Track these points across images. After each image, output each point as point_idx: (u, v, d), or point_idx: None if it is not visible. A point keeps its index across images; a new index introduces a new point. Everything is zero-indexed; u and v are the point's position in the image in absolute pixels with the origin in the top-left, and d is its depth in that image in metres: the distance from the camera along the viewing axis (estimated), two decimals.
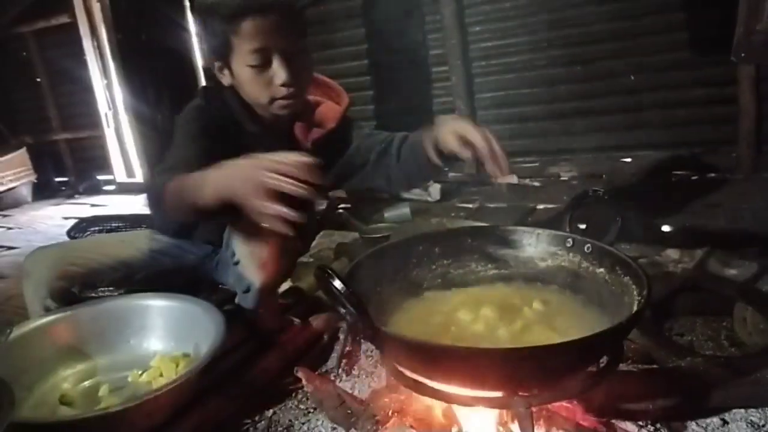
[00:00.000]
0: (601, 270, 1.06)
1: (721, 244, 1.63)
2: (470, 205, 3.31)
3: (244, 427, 1.27)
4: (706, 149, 3.29)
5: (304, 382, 1.19)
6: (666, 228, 2.17)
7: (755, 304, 1.41)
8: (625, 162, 3.53)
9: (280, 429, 1.24)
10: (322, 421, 1.21)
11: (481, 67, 3.68)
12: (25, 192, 4.91)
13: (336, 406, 1.13)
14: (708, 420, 1.08)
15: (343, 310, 0.83)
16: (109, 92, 5.02)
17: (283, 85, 1.31)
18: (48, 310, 1.49)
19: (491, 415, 0.93)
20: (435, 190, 3.40)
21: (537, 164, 3.74)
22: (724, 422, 1.08)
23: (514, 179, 3.87)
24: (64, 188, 5.32)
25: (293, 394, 1.35)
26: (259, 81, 1.32)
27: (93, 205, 4.73)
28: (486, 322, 1.01)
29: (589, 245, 1.10)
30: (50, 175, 5.25)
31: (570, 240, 1.13)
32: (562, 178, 3.64)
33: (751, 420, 1.07)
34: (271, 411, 1.31)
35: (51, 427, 1.12)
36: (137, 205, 4.35)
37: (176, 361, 1.35)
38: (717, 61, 3.09)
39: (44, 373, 1.37)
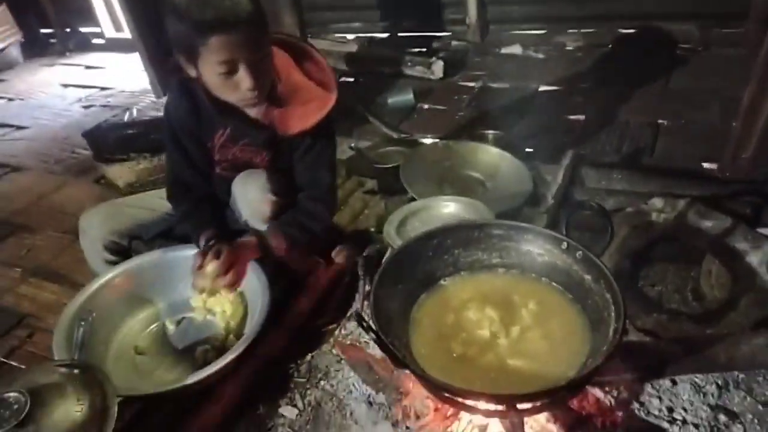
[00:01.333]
0: (588, 277, 1.25)
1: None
2: (473, 84, 3.33)
3: (290, 371, 1.57)
4: (715, 23, 3.22)
5: (339, 353, 1.45)
6: None
7: (722, 258, 1.63)
8: (631, 32, 3.46)
9: (319, 374, 1.54)
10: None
11: None
12: (15, 53, 4.77)
13: (366, 371, 1.41)
14: (660, 382, 1.37)
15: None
16: None
17: (249, 89, 1.37)
18: (106, 262, 1.69)
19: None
20: (438, 67, 3.38)
21: (544, 32, 3.65)
22: (674, 383, 1.37)
23: (518, 49, 3.83)
24: (53, 42, 5.13)
25: (328, 339, 1.63)
26: (226, 85, 1.37)
27: (87, 67, 4.65)
28: (490, 324, 1.24)
29: (580, 252, 1.26)
30: (36, 31, 5.03)
31: (565, 243, 1.29)
32: (567, 48, 3.59)
33: (695, 381, 1.36)
34: (309, 356, 1.60)
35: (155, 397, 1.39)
36: (131, 66, 4.30)
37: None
38: None
39: (115, 324, 1.64)
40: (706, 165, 2.28)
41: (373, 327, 1.06)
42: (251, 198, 1.57)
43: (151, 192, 1.82)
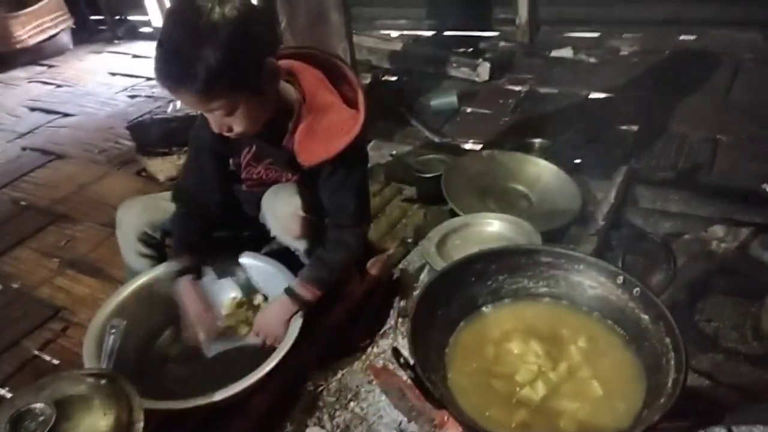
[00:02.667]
0: (645, 317, 1.15)
1: None
2: (519, 88, 3.21)
3: (319, 388, 1.52)
4: None
5: (373, 377, 1.40)
6: None
7: None
8: (690, 39, 3.28)
9: (349, 394, 1.49)
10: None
11: None
12: (66, 39, 4.84)
13: (399, 396, 1.35)
14: (716, 430, 1.26)
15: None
16: None
17: (220, 132, 1.33)
18: (140, 254, 1.67)
19: None
20: (484, 69, 3.28)
21: (597, 35, 3.49)
22: None
23: (569, 52, 3.69)
24: (102, 29, 5.21)
25: (360, 356, 1.57)
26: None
27: (134, 56, 4.69)
28: (535, 360, 1.16)
29: (638, 289, 1.17)
30: (87, 17, 5.11)
31: (621, 277, 1.20)
32: (621, 53, 3.43)
33: None
34: (340, 373, 1.55)
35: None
36: None
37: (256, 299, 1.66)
38: None
39: (146, 332, 1.61)
40: None
41: (410, 362, 0.99)
42: (281, 215, 1.51)
43: None
